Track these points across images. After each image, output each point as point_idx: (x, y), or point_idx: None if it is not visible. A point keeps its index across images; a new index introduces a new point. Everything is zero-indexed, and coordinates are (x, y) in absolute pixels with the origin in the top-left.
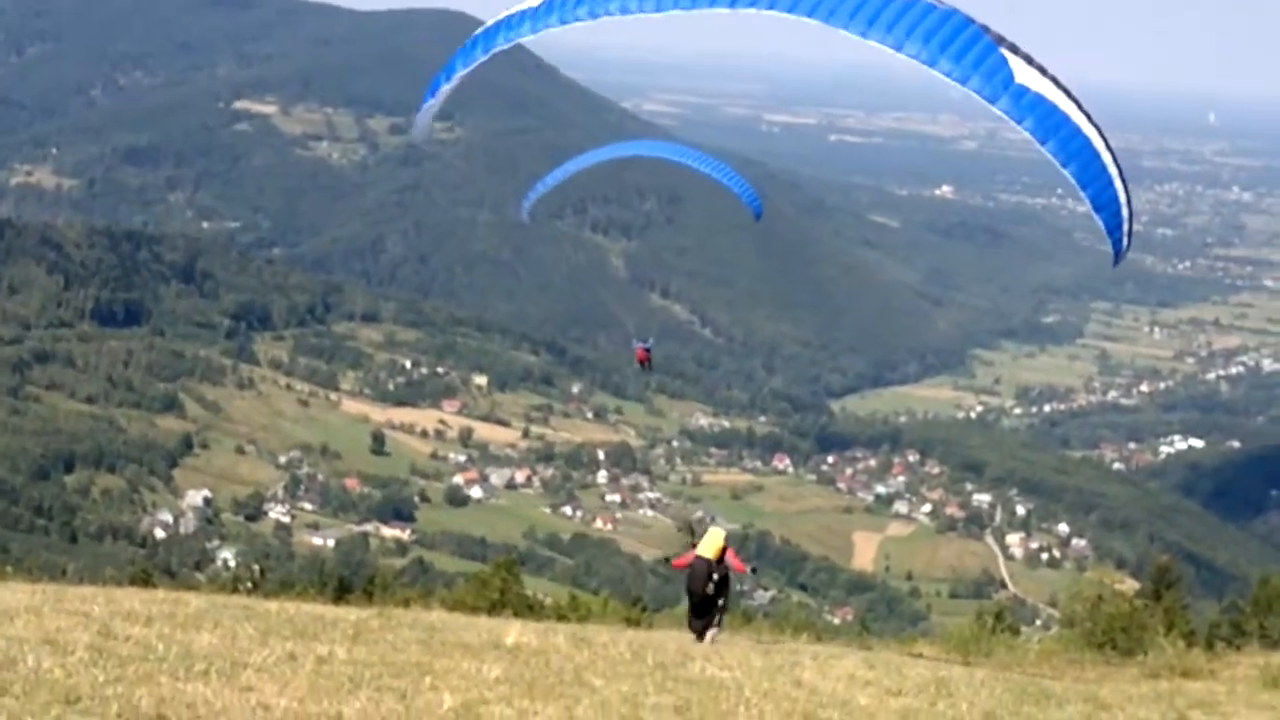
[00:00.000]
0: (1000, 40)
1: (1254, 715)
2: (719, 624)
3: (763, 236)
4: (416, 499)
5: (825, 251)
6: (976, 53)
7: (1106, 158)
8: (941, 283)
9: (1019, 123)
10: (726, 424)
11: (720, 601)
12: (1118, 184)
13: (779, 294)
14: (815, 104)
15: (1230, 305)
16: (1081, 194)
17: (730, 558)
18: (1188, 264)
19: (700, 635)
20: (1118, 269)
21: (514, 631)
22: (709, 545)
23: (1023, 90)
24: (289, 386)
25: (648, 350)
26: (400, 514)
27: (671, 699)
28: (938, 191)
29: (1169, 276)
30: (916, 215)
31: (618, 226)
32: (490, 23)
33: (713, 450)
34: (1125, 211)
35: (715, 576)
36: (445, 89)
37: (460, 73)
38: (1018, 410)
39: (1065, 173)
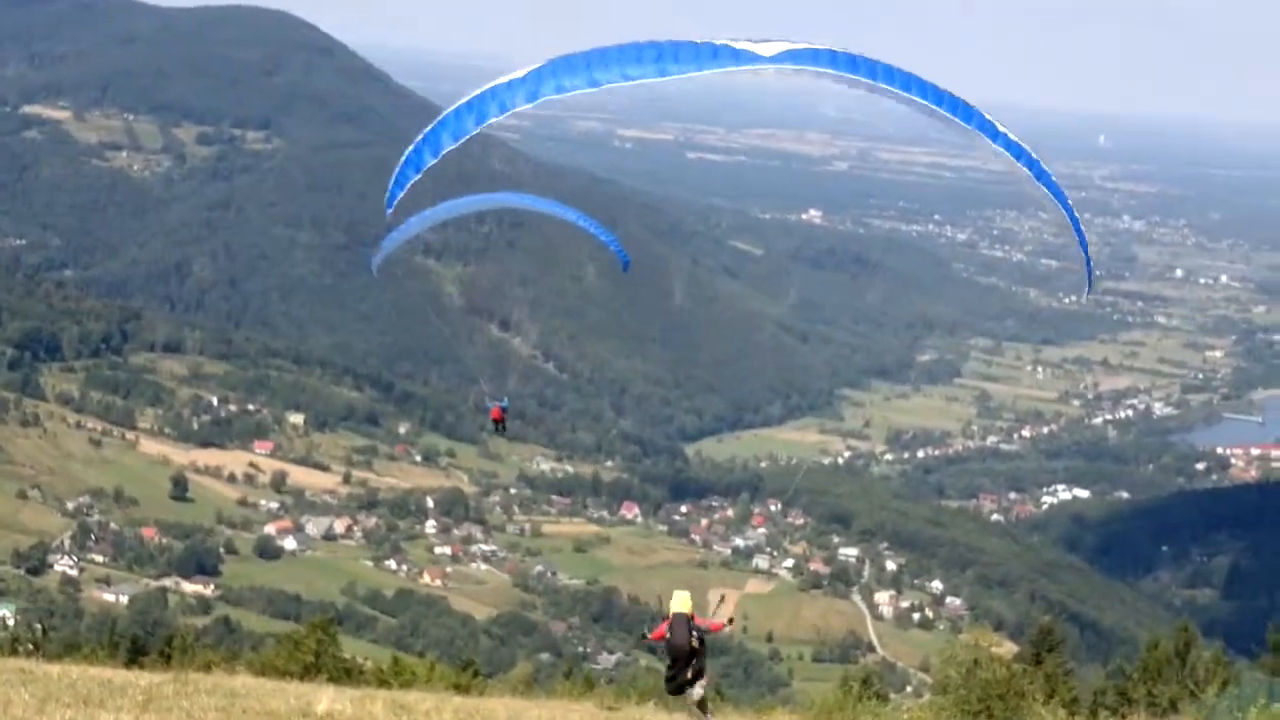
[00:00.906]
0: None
1: None
2: (704, 675)
3: (612, 264)
4: (222, 551)
5: (682, 280)
6: (964, 105)
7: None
8: (808, 316)
9: (1020, 161)
10: (570, 469)
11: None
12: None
13: (630, 327)
14: (673, 118)
15: (1120, 344)
16: (1073, 230)
17: (698, 620)
18: (1073, 298)
19: (690, 684)
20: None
21: (326, 699)
22: (682, 604)
23: (1007, 136)
24: (79, 424)
25: (504, 410)
26: (204, 567)
27: None
28: (805, 216)
29: (1054, 312)
30: (782, 242)
31: (453, 251)
32: (458, 105)
33: (555, 498)
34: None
35: (694, 632)
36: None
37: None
38: (889, 456)
39: (1056, 208)
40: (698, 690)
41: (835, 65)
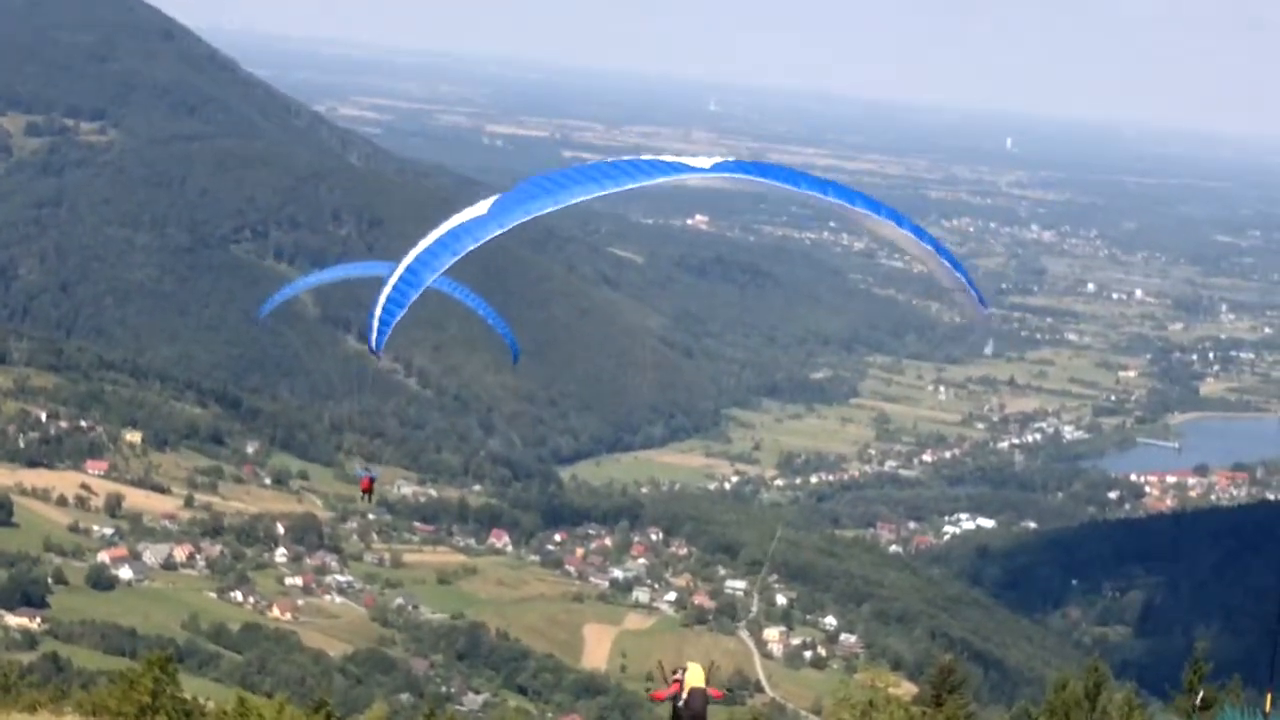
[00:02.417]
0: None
1: None
2: None
3: (481, 271)
4: (50, 580)
5: (555, 290)
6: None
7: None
8: (693, 329)
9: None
10: (434, 494)
11: None
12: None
13: (499, 340)
14: (547, 114)
15: (1028, 362)
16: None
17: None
18: (985, 314)
19: None
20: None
21: None
22: (698, 677)
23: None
24: None
25: (373, 481)
26: (29, 599)
27: None
28: (690, 222)
29: (957, 327)
30: (665, 249)
31: (306, 254)
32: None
33: (417, 525)
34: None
35: (709, 703)
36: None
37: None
38: (780, 482)
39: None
40: None
41: (760, 174)
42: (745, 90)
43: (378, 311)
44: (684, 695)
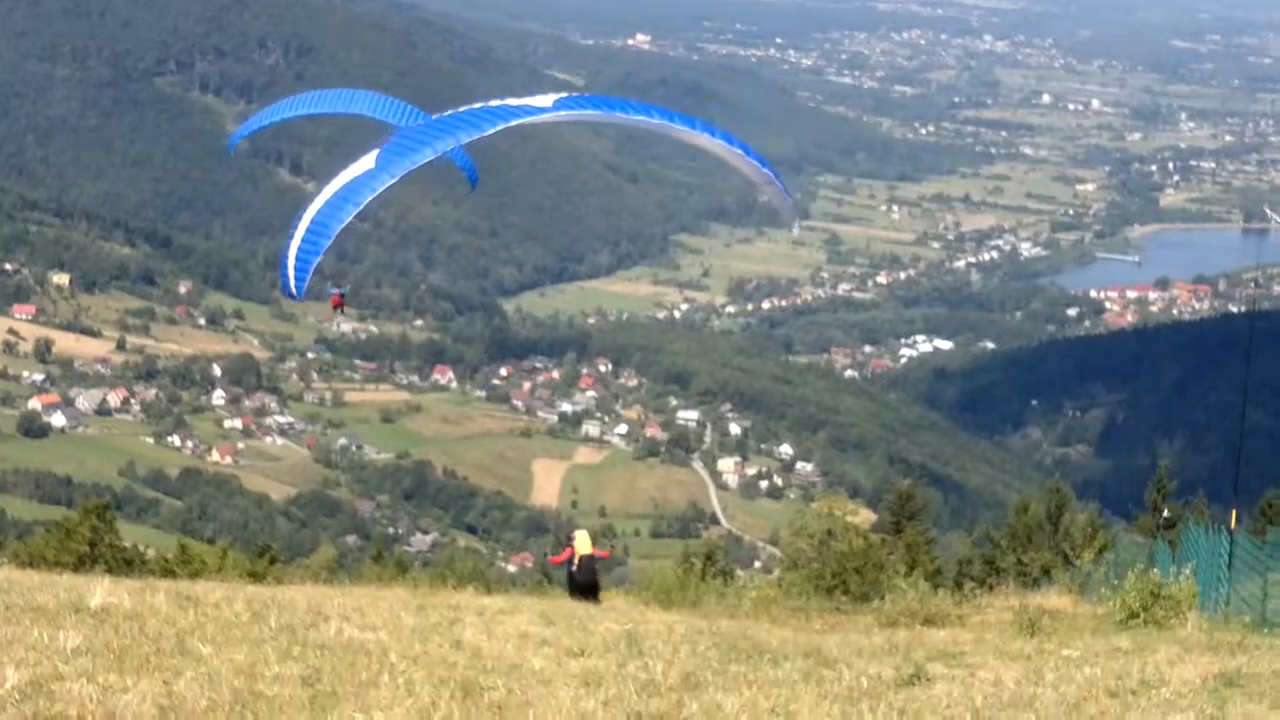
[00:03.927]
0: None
1: (1004, 666)
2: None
3: (415, 96)
4: None
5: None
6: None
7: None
8: (636, 153)
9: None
10: (375, 330)
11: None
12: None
13: (438, 169)
14: None
15: (983, 178)
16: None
17: (596, 552)
18: (931, 128)
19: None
20: (847, 137)
21: (101, 591)
22: (587, 543)
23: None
24: None
25: (343, 296)
26: None
27: (298, 668)
28: (631, 41)
29: (909, 144)
30: (606, 70)
31: (234, 86)
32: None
33: (358, 363)
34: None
35: (597, 567)
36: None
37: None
38: (731, 309)
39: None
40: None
41: (596, 108)
42: None
43: (291, 260)
44: (576, 560)
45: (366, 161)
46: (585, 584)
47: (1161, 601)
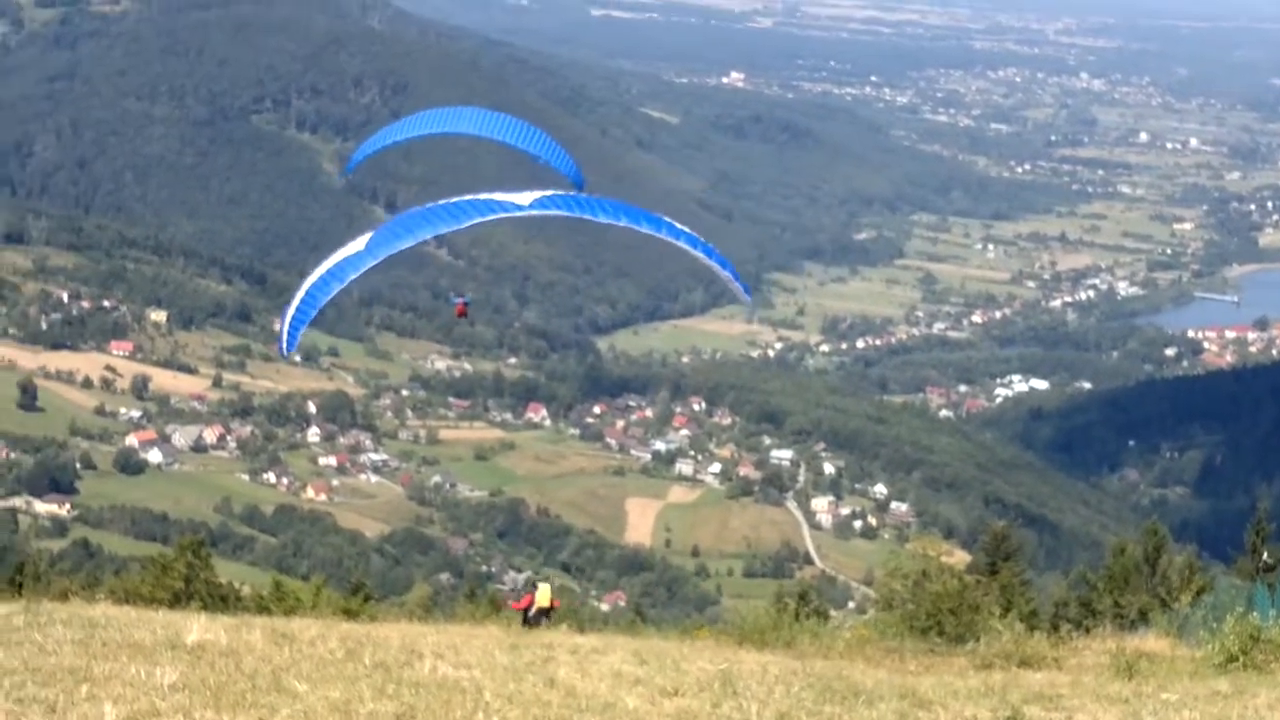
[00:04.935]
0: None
1: (1101, 710)
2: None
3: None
4: (78, 465)
5: (588, 153)
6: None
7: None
8: (731, 191)
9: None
10: (469, 367)
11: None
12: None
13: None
14: None
15: (1079, 217)
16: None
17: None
18: (1027, 167)
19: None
20: (942, 175)
21: (197, 627)
22: (547, 596)
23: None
24: None
25: (466, 305)
26: (58, 485)
27: (393, 705)
28: (725, 80)
29: (1005, 182)
30: (699, 109)
31: (330, 123)
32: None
33: (452, 400)
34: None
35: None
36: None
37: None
38: (825, 347)
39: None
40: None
41: (570, 209)
42: None
43: (285, 324)
44: (534, 609)
45: (358, 244)
46: (535, 623)
47: (1261, 645)
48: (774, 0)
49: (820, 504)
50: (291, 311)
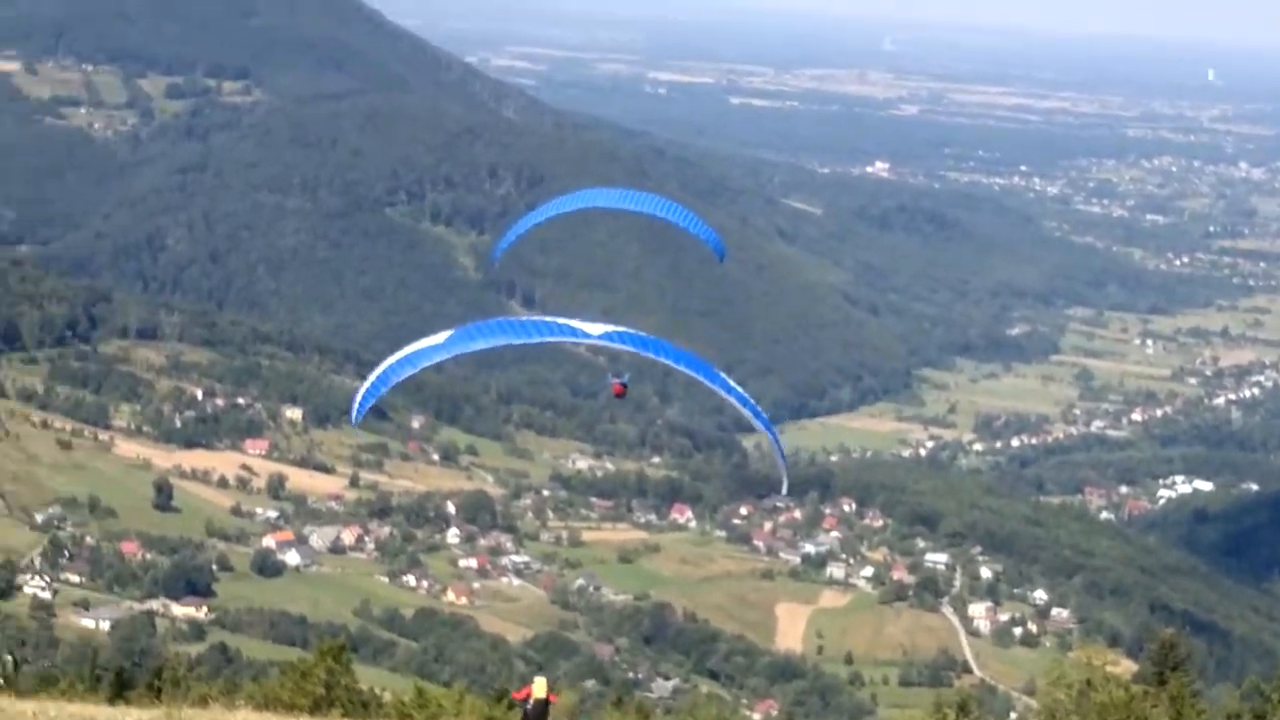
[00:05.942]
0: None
1: None
2: None
3: (648, 227)
4: (215, 567)
5: (729, 244)
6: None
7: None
8: (877, 284)
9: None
10: (611, 467)
11: None
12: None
13: (672, 300)
14: (711, 58)
15: (1241, 311)
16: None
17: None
18: (1185, 259)
19: None
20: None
21: None
22: (543, 689)
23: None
24: (46, 424)
25: (625, 385)
26: (194, 587)
27: None
28: (870, 169)
29: (1163, 275)
30: (843, 199)
31: (465, 216)
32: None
33: (595, 501)
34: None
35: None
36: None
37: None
38: (979, 446)
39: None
40: None
41: (638, 346)
42: (921, 25)
43: (358, 397)
44: (531, 702)
45: (439, 337)
46: (533, 716)
47: None
48: (919, 88)
49: (977, 610)
50: (365, 386)
